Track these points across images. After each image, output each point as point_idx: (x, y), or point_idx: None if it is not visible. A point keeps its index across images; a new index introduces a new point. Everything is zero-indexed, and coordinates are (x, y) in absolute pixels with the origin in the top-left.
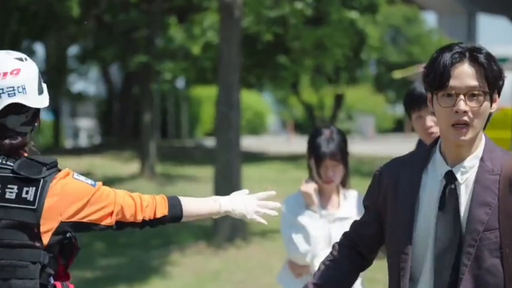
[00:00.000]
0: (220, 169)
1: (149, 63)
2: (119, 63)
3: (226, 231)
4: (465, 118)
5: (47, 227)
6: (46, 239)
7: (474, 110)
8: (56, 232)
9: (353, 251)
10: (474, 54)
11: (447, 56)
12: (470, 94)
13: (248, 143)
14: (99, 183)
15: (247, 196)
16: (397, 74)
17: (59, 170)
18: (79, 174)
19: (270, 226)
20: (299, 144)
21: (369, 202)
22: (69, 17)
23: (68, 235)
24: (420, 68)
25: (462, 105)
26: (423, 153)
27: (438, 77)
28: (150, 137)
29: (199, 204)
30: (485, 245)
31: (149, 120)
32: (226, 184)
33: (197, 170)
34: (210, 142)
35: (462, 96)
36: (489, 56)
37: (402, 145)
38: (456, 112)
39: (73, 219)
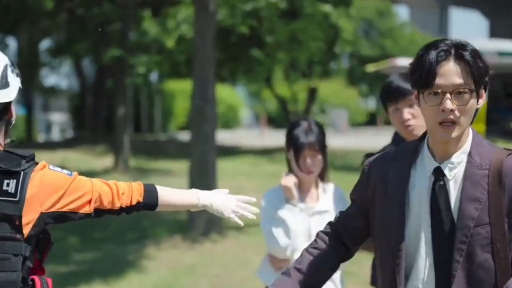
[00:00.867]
0: (195, 162)
1: (123, 57)
2: (92, 57)
3: (201, 225)
4: (452, 116)
5: (28, 219)
6: (26, 231)
7: (461, 108)
8: (37, 224)
9: (337, 241)
10: (459, 52)
11: (433, 54)
12: (456, 92)
13: (222, 137)
14: (75, 173)
15: (227, 195)
16: (370, 68)
17: (36, 163)
18: (54, 166)
19: (246, 221)
20: (272, 138)
21: (356, 196)
22: (42, 10)
23: (46, 227)
24: (393, 62)
25: (449, 104)
26: (411, 148)
27: (424, 75)
28: (123, 131)
29: (177, 194)
30: (476, 240)
31: (122, 114)
32: (201, 178)
33: (171, 164)
34: (183, 136)
35: (448, 95)
36: (474, 52)
37: (375, 138)
38: (443, 110)
39: (52, 209)
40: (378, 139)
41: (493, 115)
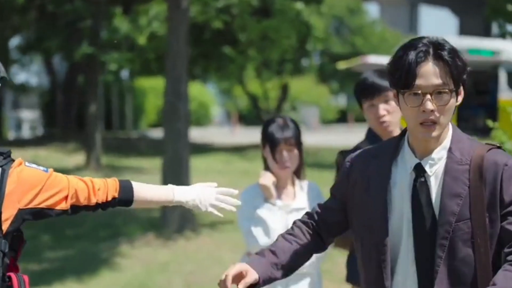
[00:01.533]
0: (168, 160)
1: (94, 54)
2: (63, 54)
3: (175, 222)
4: (432, 117)
5: (7, 215)
6: (5, 227)
7: (441, 108)
8: (15, 220)
9: (313, 231)
10: (438, 52)
11: (412, 55)
12: (436, 92)
13: (193, 134)
14: (51, 169)
15: (207, 188)
16: (341, 65)
17: (13, 160)
18: (30, 162)
19: (220, 218)
20: (243, 135)
21: (336, 191)
22: (12, 7)
23: (23, 224)
24: (364, 60)
25: (429, 105)
26: (392, 145)
27: (404, 76)
28: (95, 128)
29: (152, 190)
30: (458, 236)
31: (94, 111)
32: (174, 175)
33: (143, 161)
34: (154, 133)
35: (428, 96)
36: (453, 51)
37: (346, 136)
38: (424, 111)
39: (30, 206)
40: (349, 136)
41: (464, 112)
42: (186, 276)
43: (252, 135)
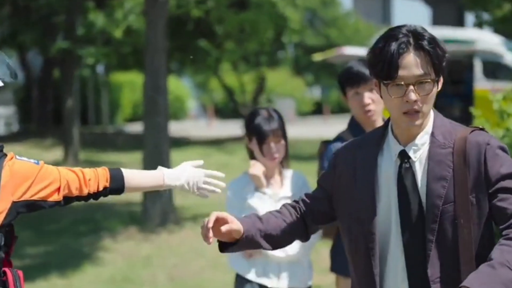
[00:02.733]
0: (148, 153)
1: (70, 49)
2: (38, 49)
3: (157, 216)
4: (416, 106)
5: (1, 208)
6: (0, 220)
7: (423, 98)
8: (9, 213)
9: (299, 216)
10: (419, 43)
11: (393, 46)
12: (418, 83)
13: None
14: (42, 162)
15: (196, 170)
16: (317, 57)
17: (5, 154)
18: (20, 155)
19: (202, 211)
20: (219, 129)
21: (322, 182)
22: None
23: (17, 217)
24: (339, 51)
25: (412, 95)
26: (377, 135)
27: (386, 68)
28: (72, 124)
29: (143, 177)
30: (446, 218)
31: (71, 106)
32: (155, 169)
33: (121, 156)
34: (131, 128)
35: (411, 86)
36: (432, 40)
37: (322, 127)
38: (407, 101)
39: (23, 198)
40: (325, 128)
41: (440, 101)
42: (170, 269)
43: (229, 128)
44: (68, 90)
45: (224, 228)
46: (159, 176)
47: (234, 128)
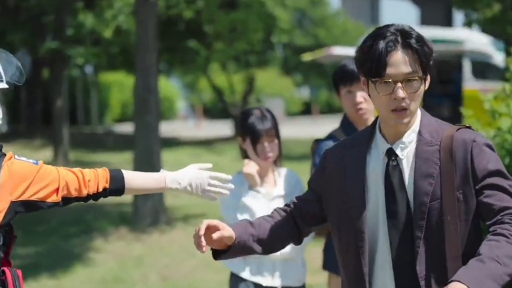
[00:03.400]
0: (139, 153)
1: (60, 49)
2: (28, 49)
3: (148, 216)
4: (404, 104)
5: (0, 208)
6: None
7: (411, 95)
8: (8, 213)
9: (291, 220)
10: (407, 41)
11: (381, 44)
12: (406, 80)
13: None
14: (41, 162)
15: (200, 172)
16: (306, 57)
17: (4, 154)
18: (19, 155)
19: (193, 211)
20: (208, 129)
21: (312, 184)
22: None
23: (15, 217)
24: (328, 51)
25: (400, 92)
26: (366, 135)
27: (374, 66)
28: (62, 124)
29: (144, 179)
30: (433, 215)
31: (60, 106)
32: (146, 169)
33: (111, 156)
34: (120, 128)
35: (399, 84)
36: (420, 38)
37: (311, 127)
38: (395, 99)
39: (21, 198)
40: (314, 128)
41: (429, 101)
42: (161, 270)
43: (217, 128)
44: (57, 90)
45: (215, 236)
46: (161, 179)
47: (223, 128)
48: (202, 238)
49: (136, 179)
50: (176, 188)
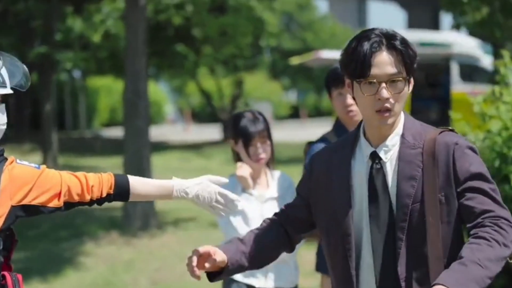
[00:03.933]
0: (129, 158)
1: (48, 54)
2: (16, 53)
3: (138, 220)
4: (388, 104)
5: (0, 212)
6: None
7: (395, 96)
8: (8, 217)
9: (281, 229)
10: (391, 42)
11: (366, 46)
12: (391, 81)
13: None
14: (43, 166)
15: (210, 186)
16: (295, 61)
17: (6, 158)
18: (20, 159)
19: (183, 215)
20: (197, 133)
21: (300, 190)
22: None
23: (16, 221)
24: (316, 55)
25: (385, 93)
26: (351, 139)
27: (359, 66)
28: (51, 129)
29: (150, 186)
30: (415, 217)
31: (49, 111)
32: (136, 174)
33: (100, 160)
34: (108, 133)
35: (384, 84)
36: (404, 41)
37: (299, 131)
38: (379, 99)
39: (22, 203)
40: (302, 132)
41: (417, 104)
42: (152, 274)
43: (206, 132)
44: (46, 95)
45: (208, 265)
46: (169, 188)
47: (212, 132)
48: (195, 268)
49: (143, 186)
50: (183, 197)
